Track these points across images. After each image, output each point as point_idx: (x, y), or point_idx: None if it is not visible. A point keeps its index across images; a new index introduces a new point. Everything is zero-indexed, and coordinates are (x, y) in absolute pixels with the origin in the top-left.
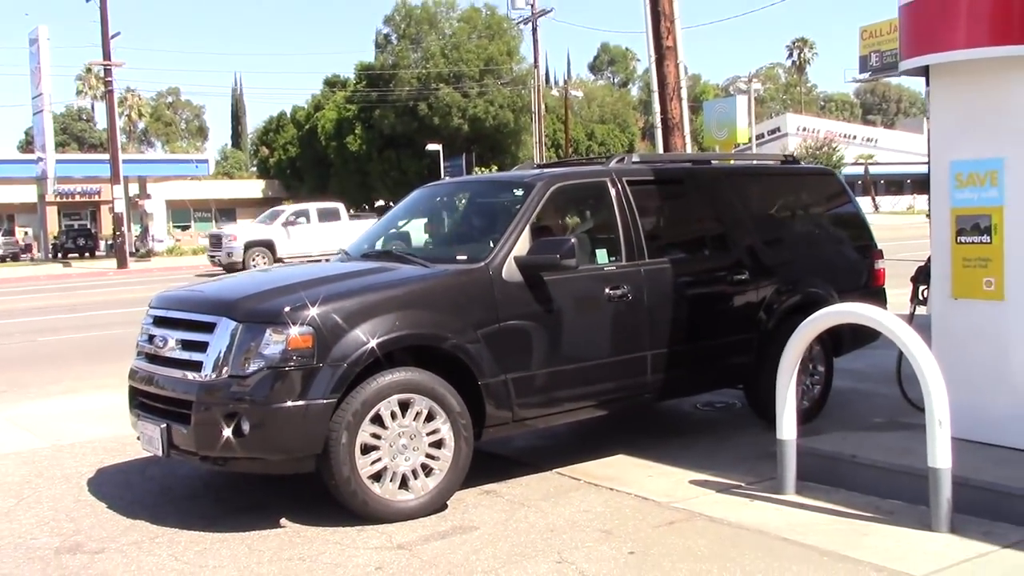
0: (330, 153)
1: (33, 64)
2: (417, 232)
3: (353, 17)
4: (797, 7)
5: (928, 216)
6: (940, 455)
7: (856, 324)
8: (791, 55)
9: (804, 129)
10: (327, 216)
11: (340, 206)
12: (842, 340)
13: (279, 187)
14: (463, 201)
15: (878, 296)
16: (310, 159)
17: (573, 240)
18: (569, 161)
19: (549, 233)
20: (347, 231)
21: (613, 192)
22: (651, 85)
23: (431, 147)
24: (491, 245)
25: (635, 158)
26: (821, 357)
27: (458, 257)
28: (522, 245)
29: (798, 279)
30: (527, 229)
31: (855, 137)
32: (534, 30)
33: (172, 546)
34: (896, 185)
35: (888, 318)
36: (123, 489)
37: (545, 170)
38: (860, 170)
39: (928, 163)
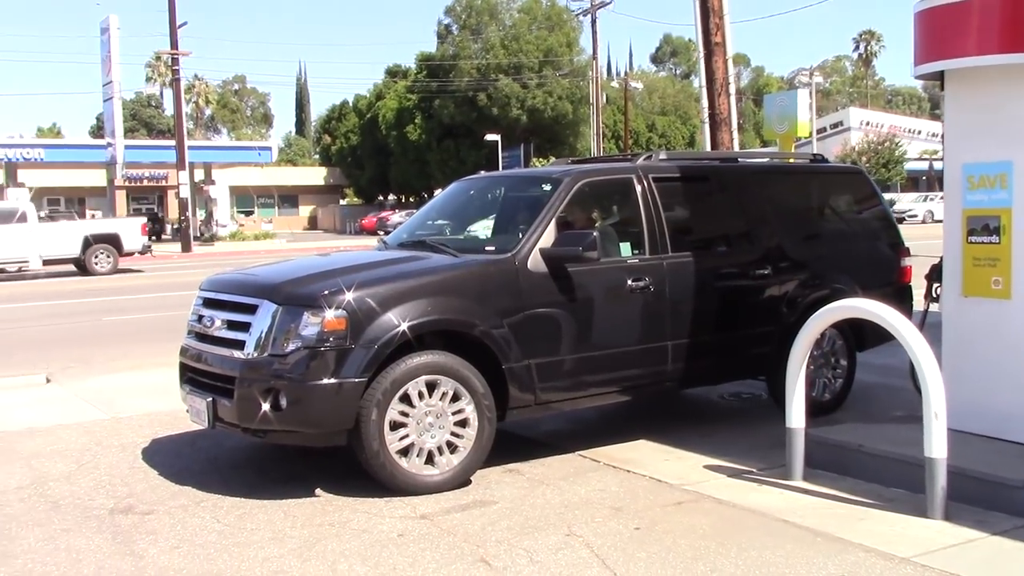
0: (390, 142)
1: (104, 52)
2: (454, 224)
3: (415, 8)
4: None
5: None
6: (936, 445)
7: (864, 319)
8: (857, 48)
9: (867, 123)
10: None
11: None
12: (865, 336)
13: (340, 175)
14: (495, 194)
15: (904, 293)
16: (371, 148)
17: (595, 234)
18: (603, 158)
19: (575, 227)
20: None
21: (639, 188)
22: (700, 80)
23: (489, 137)
24: (519, 237)
25: (662, 155)
26: (844, 351)
27: (487, 248)
28: (548, 237)
29: (822, 275)
30: (553, 222)
31: (920, 132)
32: (593, 22)
33: (215, 510)
34: None
35: (889, 313)
36: (173, 458)
37: (574, 166)
38: (924, 165)
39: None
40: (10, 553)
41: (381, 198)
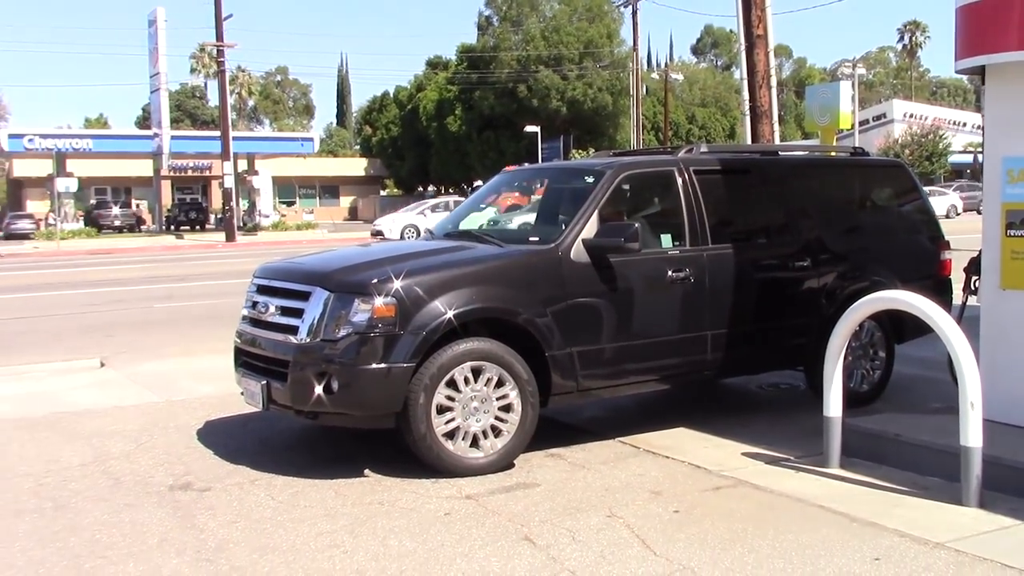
0: (431, 133)
1: (151, 44)
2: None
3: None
4: None
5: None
6: (972, 434)
7: (902, 311)
8: (902, 39)
9: (911, 115)
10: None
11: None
12: (904, 328)
13: (380, 166)
14: (540, 186)
15: (944, 286)
16: (411, 139)
17: (637, 225)
18: (644, 150)
19: (617, 218)
20: None
21: (680, 181)
22: (741, 72)
23: (529, 129)
24: (562, 228)
25: (703, 148)
26: (882, 343)
27: (531, 238)
28: (590, 228)
29: (862, 267)
30: (596, 214)
31: (965, 124)
32: (634, 13)
33: (269, 488)
34: None
35: (926, 305)
36: (227, 439)
37: (615, 159)
38: (969, 158)
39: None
40: (78, 525)
41: (420, 189)
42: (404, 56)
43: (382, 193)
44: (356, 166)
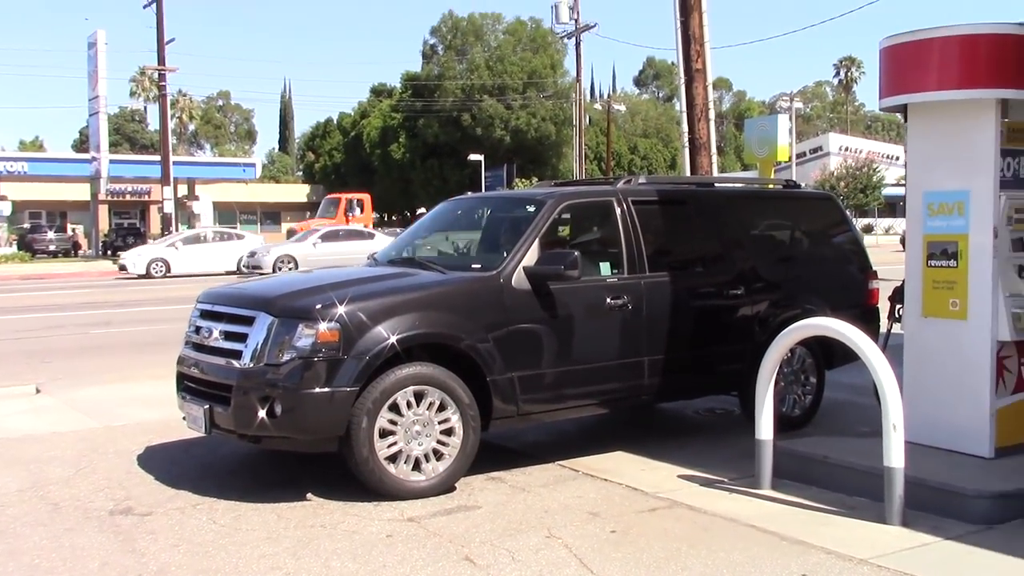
0: (374, 160)
1: (91, 67)
2: (440, 242)
3: (401, 27)
4: (847, 26)
5: (902, 241)
6: (894, 455)
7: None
8: (838, 73)
9: (846, 149)
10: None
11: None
12: (834, 355)
13: (323, 192)
14: (482, 214)
15: (872, 314)
16: (355, 165)
17: (576, 253)
18: (586, 180)
19: (558, 246)
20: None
21: (618, 210)
22: (680, 105)
23: (473, 157)
24: (503, 255)
25: (642, 179)
26: (813, 369)
27: (473, 265)
28: (531, 256)
29: (793, 296)
30: (536, 242)
31: (898, 158)
32: (577, 45)
33: (211, 512)
34: None
35: (851, 331)
36: (169, 464)
37: (557, 188)
38: (902, 191)
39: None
40: (18, 550)
41: None
42: (348, 83)
43: None
44: (298, 192)
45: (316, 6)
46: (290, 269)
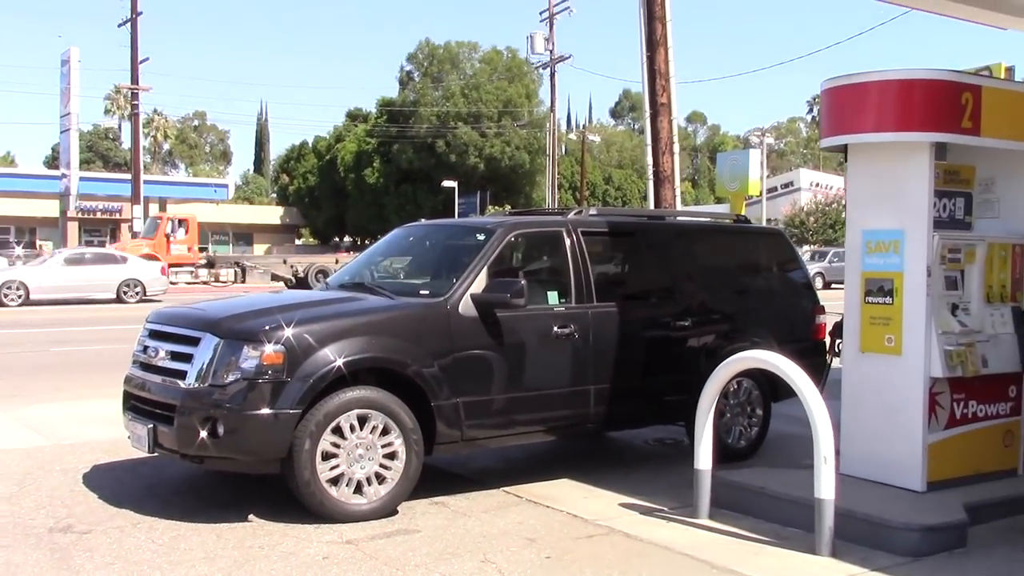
0: (348, 184)
1: (63, 84)
2: (391, 267)
3: (378, 53)
4: (821, 63)
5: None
6: (824, 487)
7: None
8: (811, 110)
9: (817, 184)
10: None
11: None
12: (780, 387)
13: (297, 215)
14: (434, 241)
15: (819, 348)
16: (329, 189)
17: (523, 282)
18: (538, 211)
19: (507, 275)
20: None
21: (568, 241)
22: (646, 138)
23: (447, 184)
24: (452, 282)
25: (592, 211)
26: (760, 401)
27: (421, 292)
28: (479, 284)
29: (740, 329)
30: (485, 270)
31: None
32: (552, 75)
33: (151, 531)
34: None
35: (785, 364)
36: (114, 483)
37: (508, 218)
38: None
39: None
40: None
41: (337, 239)
42: (324, 107)
43: (298, 242)
44: (272, 214)
45: (294, 30)
46: (19, 296)
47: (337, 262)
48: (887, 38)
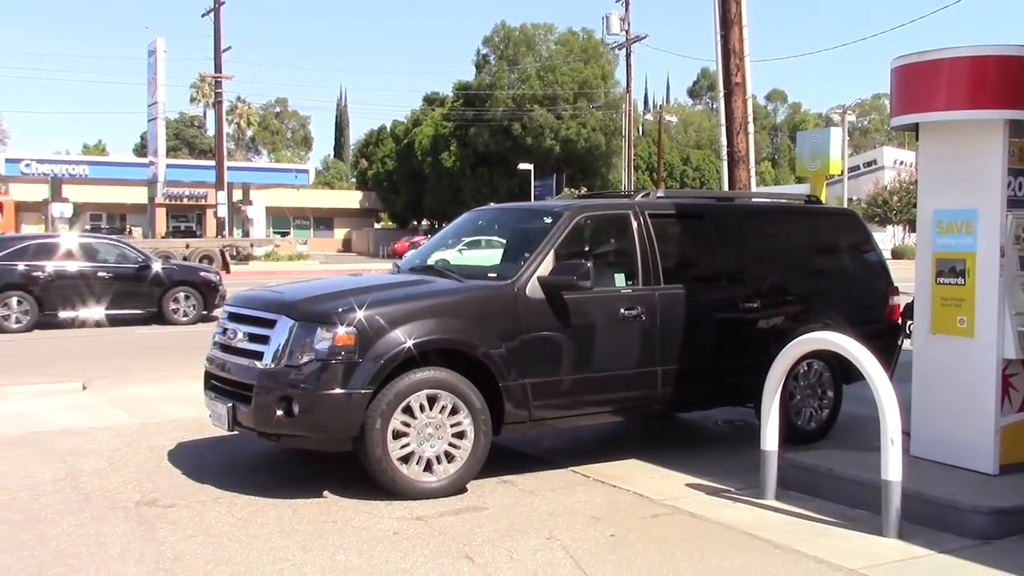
0: (425, 168)
1: (150, 74)
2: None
3: (454, 37)
4: (906, 38)
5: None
6: (892, 469)
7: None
8: None
9: (901, 163)
10: None
11: None
12: (852, 369)
13: (375, 199)
14: (502, 224)
15: (893, 330)
16: (406, 173)
17: (589, 264)
18: (607, 193)
19: (573, 257)
20: None
21: (635, 223)
22: (720, 118)
23: (523, 166)
24: (520, 265)
25: (659, 193)
26: (830, 383)
27: (489, 274)
28: (546, 266)
29: (812, 310)
30: (552, 252)
31: None
32: (628, 56)
33: (230, 506)
34: None
35: (852, 345)
36: (196, 460)
37: (575, 201)
38: None
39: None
40: (46, 536)
41: (415, 223)
42: (402, 91)
43: (376, 226)
44: (351, 199)
45: (372, 17)
46: None
47: (187, 247)
48: (974, 10)
